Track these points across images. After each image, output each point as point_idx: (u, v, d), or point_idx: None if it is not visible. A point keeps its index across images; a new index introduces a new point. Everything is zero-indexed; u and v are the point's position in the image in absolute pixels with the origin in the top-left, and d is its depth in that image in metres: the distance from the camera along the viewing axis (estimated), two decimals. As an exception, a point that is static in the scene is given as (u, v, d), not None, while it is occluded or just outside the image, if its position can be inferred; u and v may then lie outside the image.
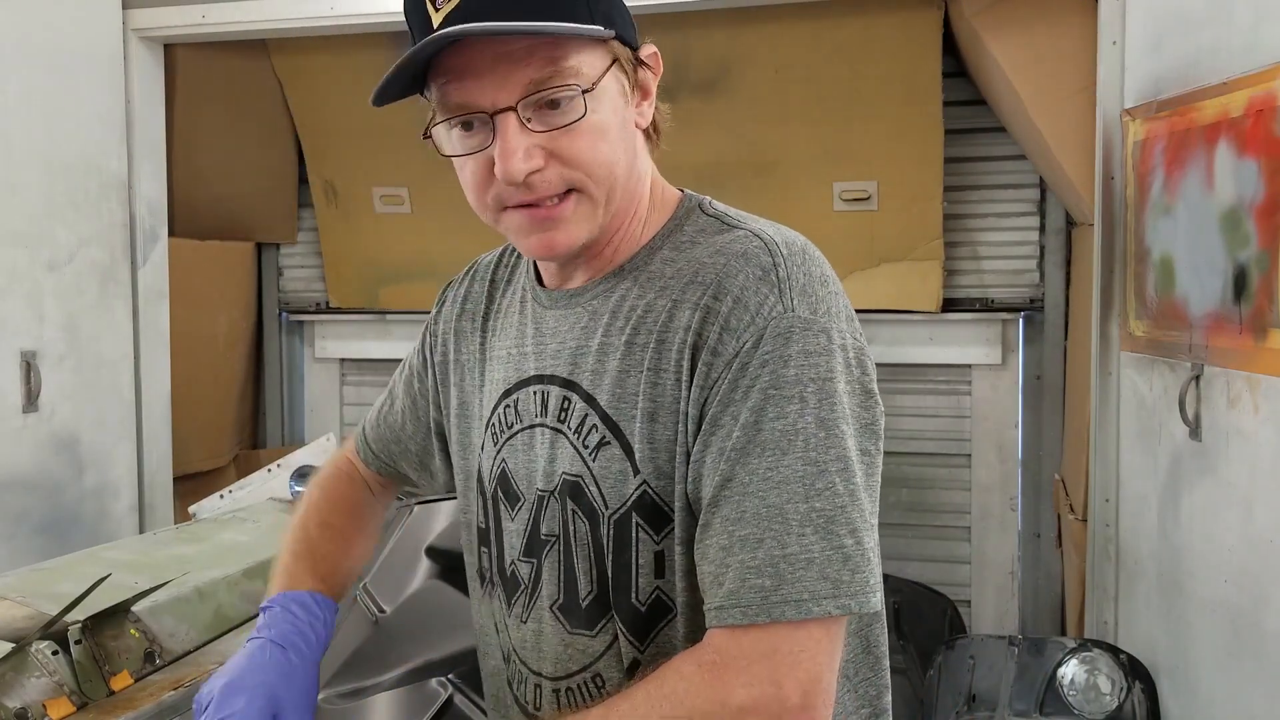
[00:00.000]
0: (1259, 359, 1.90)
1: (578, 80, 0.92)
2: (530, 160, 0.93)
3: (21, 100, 2.98)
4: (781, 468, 0.88)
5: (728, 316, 0.91)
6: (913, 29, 3.38)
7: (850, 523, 0.88)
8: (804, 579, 0.86)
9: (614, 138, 0.96)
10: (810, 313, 0.91)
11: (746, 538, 0.87)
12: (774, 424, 0.88)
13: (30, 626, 1.79)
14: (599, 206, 0.97)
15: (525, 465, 1.06)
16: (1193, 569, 2.19)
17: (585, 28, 0.91)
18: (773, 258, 0.93)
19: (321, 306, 4.39)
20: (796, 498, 0.87)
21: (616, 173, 0.97)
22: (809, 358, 0.90)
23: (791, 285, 0.92)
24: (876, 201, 3.59)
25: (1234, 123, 1.98)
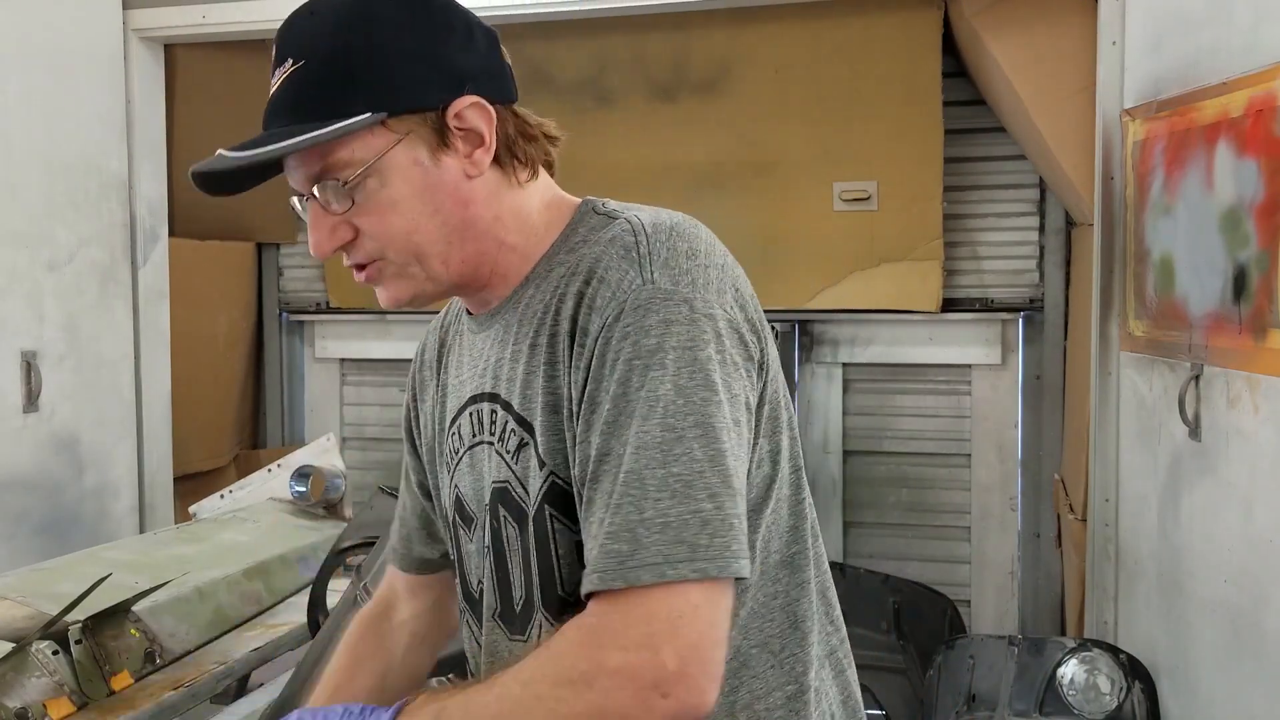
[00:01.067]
0: (1259, 359, 1.90)
1: (349, 169, 0.99)
2: (336, 237, 1.03)
3: (22, 100, 2.99)
4: (642, 434, 0.90)
5: (593, 296, 0.95)
6: (913, 29, 3.38)
7: (709, 488, 0.89)
8: (659, 543, 0.87)
9: (410, 207, 1.01)
10: (671, 284, 0.94)
11: (609, 505, 0.89)
12: (638, 393, 0.91)
13: (31, 626, 1.79)
14: (409, 268, 1.04)
15: (472, 485, 1.10)
16: (1192, 569, 2.19)
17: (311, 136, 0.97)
18: (635, 237, 0.97)
19: (321, 306, 4.39)
20: (654, 463, 0.89)
21: (418, 239, 1.02)
22: (669, 327, 0.92)
23: (652, 259, 0.95)
24: (876, 201, 3.59)
25: (1234, 123, 1.98)
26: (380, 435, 4.42)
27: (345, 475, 2.98)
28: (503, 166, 1.06)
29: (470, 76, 1.03)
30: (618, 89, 3.74)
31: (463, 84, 1.02)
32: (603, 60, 3.74)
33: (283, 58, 1.05)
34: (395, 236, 1.02)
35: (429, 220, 1.02)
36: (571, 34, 3.65)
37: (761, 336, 1.01)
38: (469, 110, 1.01)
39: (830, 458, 3.81)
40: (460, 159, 1.02)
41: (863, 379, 3.79)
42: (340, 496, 2.94)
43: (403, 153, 1.00)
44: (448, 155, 1.02)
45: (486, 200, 1.05)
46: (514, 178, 1.07)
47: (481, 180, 1.04)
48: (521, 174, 1.07)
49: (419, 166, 1.01)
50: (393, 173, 1.00)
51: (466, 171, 1.03)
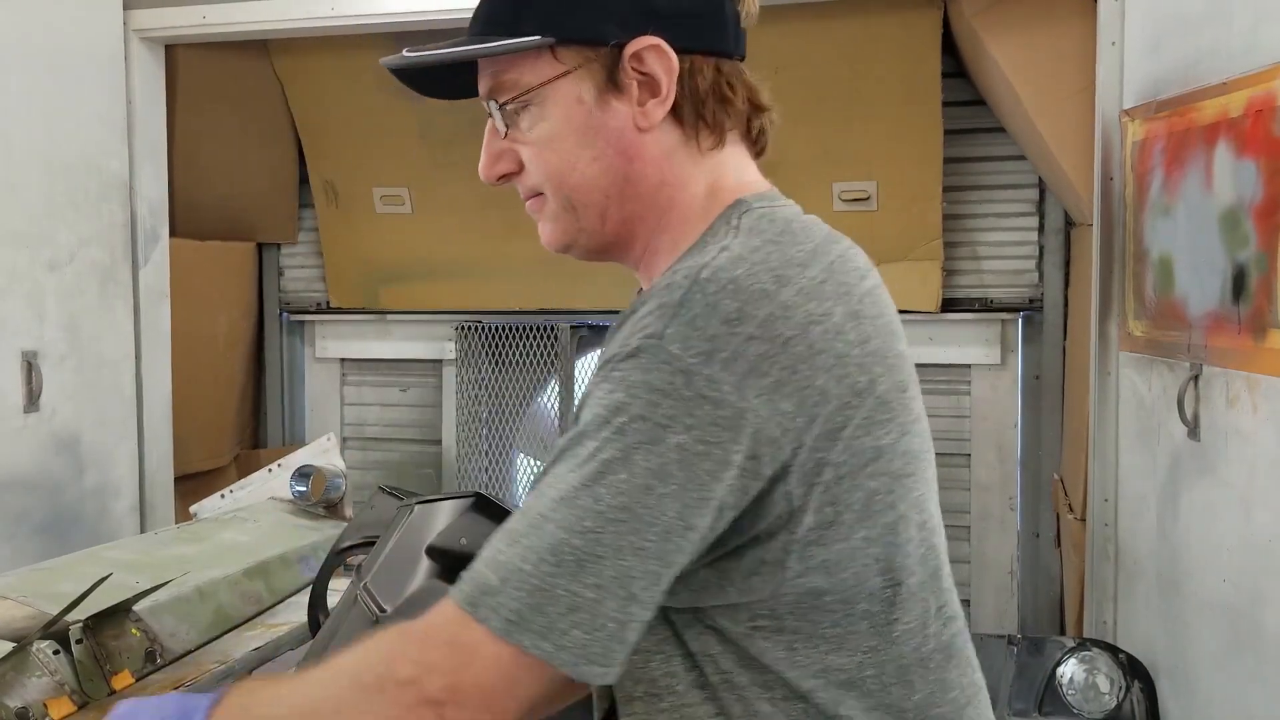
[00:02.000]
0: (1258, 359, 1.90)
1: (515, 90, 0.94)
2: (498, 164, 0.99)
3: (22, 100, 2.99)
4: (567, 486, 0.82)
5: (620, 325, 0.88)
6: (913, 29, 3.38)
7: (602, 580, 0.80)
8: (524, 602, 0.80)
9: (567, 147, 0.94)
10: (680, 348, 0.81)
11: (513, 531, 0.83)
12: (588, 442, 0.82)
13: (31, 626, 1.79)
14: (566, 212, 0.97)
15: None
16: (1192, 569, 2.19)
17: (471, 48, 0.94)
18: (687, 280, 0.83)
19: (322, 306, 4.39)
20: (561, 522, 0.80)
21: (572, 182, 0.95)
22: (653, 394, 0.80)
23: (680, 314, 0.82)
24: (876, 201, 3.59)
25: (1233, 123, 1.99)
26: (380, 435, 4.42)
27: (345, 475, 2.98)
28: (684, 126, 0.95)
29: (662, 14, 0.92)
30: (618, 89, 3.74)
31: (649, 22, 0.91)
32: (603, 60, 3.74)
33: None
34: (551, 174, 0.96)
35: (589, 165, 0.94)
36: (571, 34, 3.65)
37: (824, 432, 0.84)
38: (648, 53, 0.92)
39: (830, 458, 3.81)
40: (633, 106, 0.93)
41: (862, 379, 3.79)
42: (340, 496, 2.94)
43: (568, 86, 0.93)
44: (619, 99, 0.93)
45: (656, 160, 0.95)
46: (695, 143, 0.96)
47: (655, 136, 0.94)
48: (706, 140, 0.96)
49: (582, 105, 0.93)
50: (554, 105, 0.93)
51: (637, 122, 0.93)
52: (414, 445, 4.38)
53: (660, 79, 0.92)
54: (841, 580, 0.88)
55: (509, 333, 4.11)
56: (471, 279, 4.13)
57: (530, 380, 4.12)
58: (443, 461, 4.30)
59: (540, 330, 4.06)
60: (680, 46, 0.92)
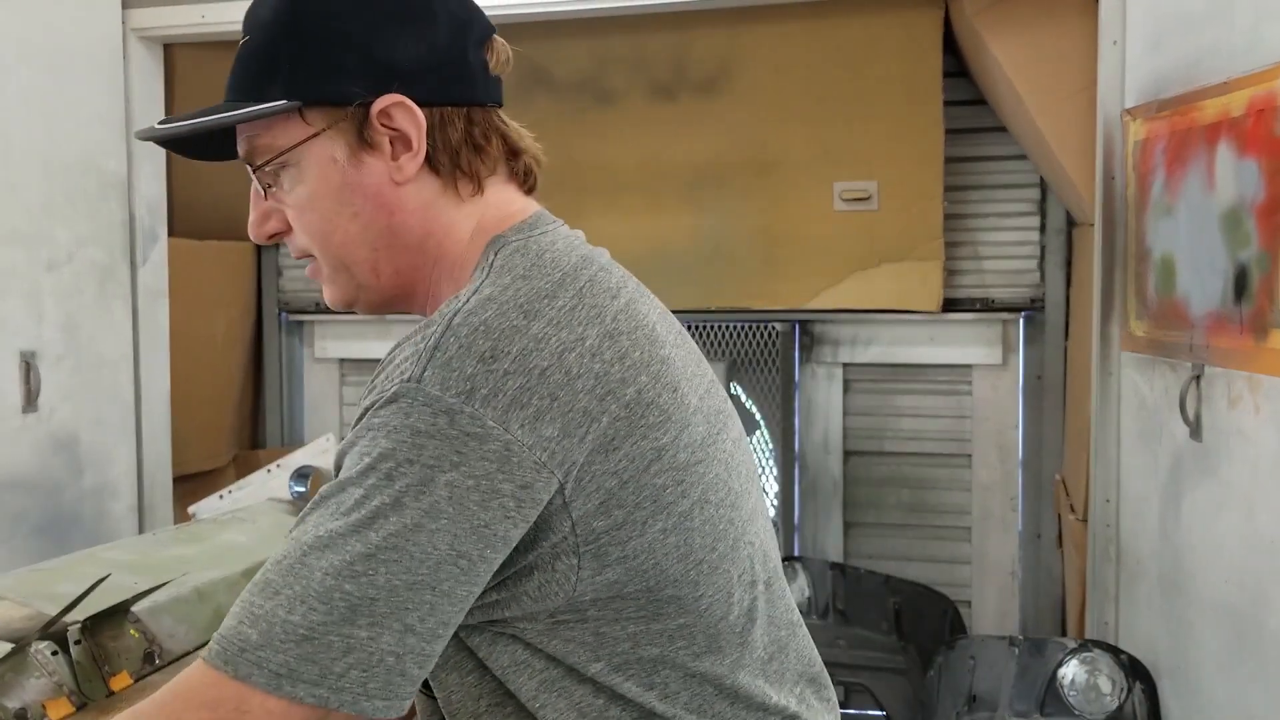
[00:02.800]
0: (1260, 359, 1.89)
1: (268, 154, 0.96)
2: (267, 224, 1.00)
3: (21, 100, 2.98)
4: (333, 534, 0.81)
5: (378, 375, 0.87)
6: (913, 29, 3.38)
7: (376, 618, 0.80)
8: (290, 652, 0.79)
9: (326, 207, 0.96)
10: (439, 389, 0.82)
11: (270, 583, 0.82)
12: (353, 489, 0.82)
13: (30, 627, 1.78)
14: (339, 272, 0.99)
15: None
16: (1193, 569, 2.19)
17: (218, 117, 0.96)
18: (440, 328, 0.85)
19: (321, 306, 4.38)
20: (329, 570, 0.80)
21: (336, 240, 0.97)
22: (416, 436, 0.81)
23: (435, 356, 0.83)
24: (877, 201, 3.59)
25: (1235, 122, 1.98)
26: (380, 435, 4.41)
27: (345, 475, 2.97)
28: (440, 176, 0.97)
29: (409, 71, 0.94)
30: (618, 89, 3.74)
31: (391, 80, 0.93)
32: (603, 60, 3.74)
33: (244, 32, 1.02)
34: (315, 235, 0.98)
35: (349, 223, 0.96)
36: (571, 34, 3.65)
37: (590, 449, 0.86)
38: (394, 109, 0.93)
39: (830, 458, 3.81)
40: (387, 161, 0.95)
41: (863, 379, 3.79)
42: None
43: (320, 147, 0.95)
44: (372, 156, 0.95)
45: (418, 212, 0.97)
46: (456, 190, 0.98)
47: (413, 188, 0.96)
48: (464, 187, 0.98)
49: (336, 164, 0.95)
50: (310, 167, 0.96)
51: (393, 176, 0.95)
52: (413, 445, 4.37)
53: (410, 133, 0.94)
54: (642, 571, 0.90)
55: (509, 333, 4.09)
56: (471, 279, 4.12)
57: (530, 380, 4.11)
58: (442, 462, 4.29)
59: (540, 330, 4.05)
60: (426, 100, 0.94)
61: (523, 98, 3.71)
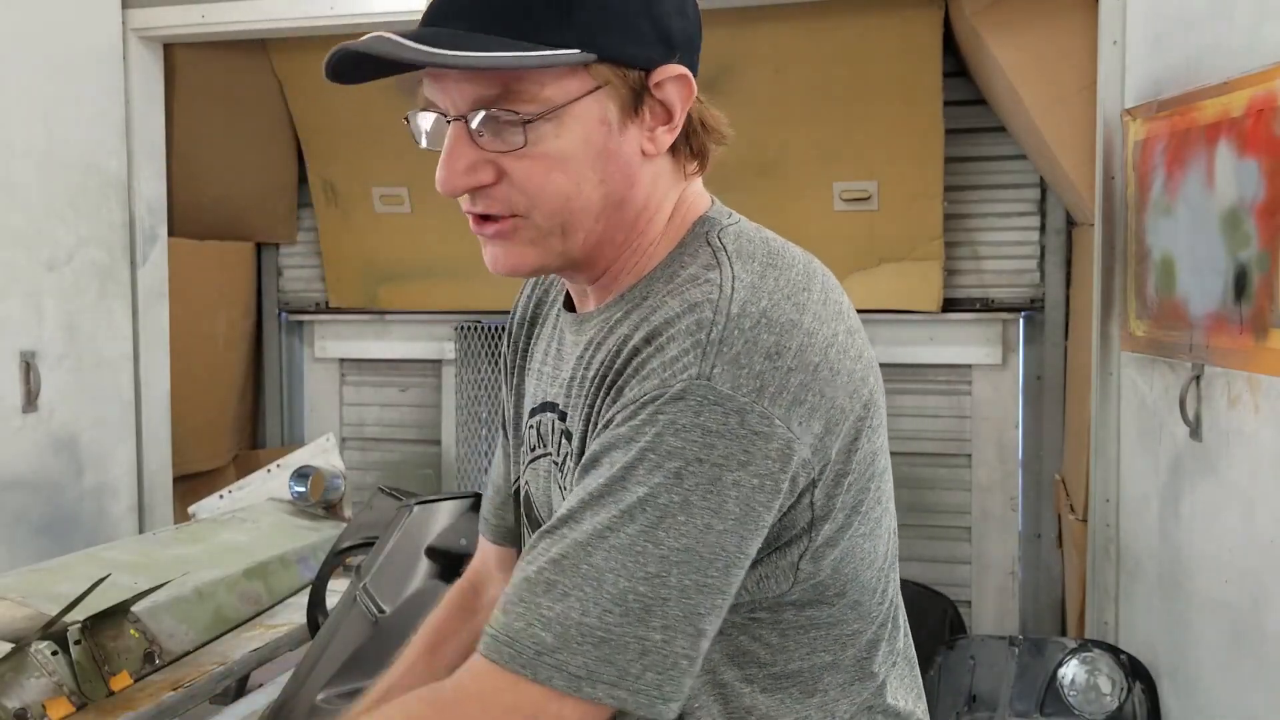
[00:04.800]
0: (1259, 359, 1.90)
1: (530, 105, 0.86)
2: (471, 175, 0.89)
3: (21, 100, 2.98)
4: (621, 533, 0.80)
5: (646, 362, 0.84)
6: (913, 29, 3.38)
7: (669, 620, 0.80)
8: (589, 654, 0.79)
9: (578, 168, 0.88)
10: (730, 388, 0.81)
11: (554, 584, 0.80)
12: (636, 487, 0.80)
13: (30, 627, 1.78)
14: (551, 236, 0.91)
15: (543, 494, 1.02)
16: (1193, 569, 2.19)
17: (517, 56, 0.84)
18: (715, 314, 0.84)
19: (321, 306, 4.39)
20: (621, 571, 0.79)
21: (574, 205, 0.89)
22: (706, 435, 0.80)
23: (721, 351, 0.82)
24: (876, 201, 3.59)
25: (1234, 122, 1.98)
26: (380, 435, 4.42)
27: (345, 475, 2.98)
28: (676, 154, 0.94)
29: (677, 43, 0.90)
30: (618, 89, 3.73)
31: (673, 49, 0.90)
32: (602, 60, 3.73)
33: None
34: (551, 196, 0.89)
35: (593, 190, 0.89)
36: (571, 34, 3.65)
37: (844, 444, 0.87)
38: (671, 82, 0.90)
39: (830, 458, 3.80)
40: (643, 132, 0.91)
41: (863, 379, 3.79)
42: (340, 497, 2.94)
43: (593, 106, 0.87)
44: (634, 124, 0.90)
45: (647, 186, 0.93)
46: (683, 169, 0.96)
47: (653, 163, 0.92)
48: (691, 167, 0.96)
49: (604, 127, 0.88)
50: (575, 124, 0.87)
51: (644, 148, 0.91)
52: (413, 445, 4.38)
53: (675, 107, 0.91)
54: (842, 575, 0.91)
55: (509, 333, 4.09)
56: (471, 279, 4.12)
57: (530, 380, 4.11)
58: (442, 462, 4.30)
59: (540, 330, 4.05)
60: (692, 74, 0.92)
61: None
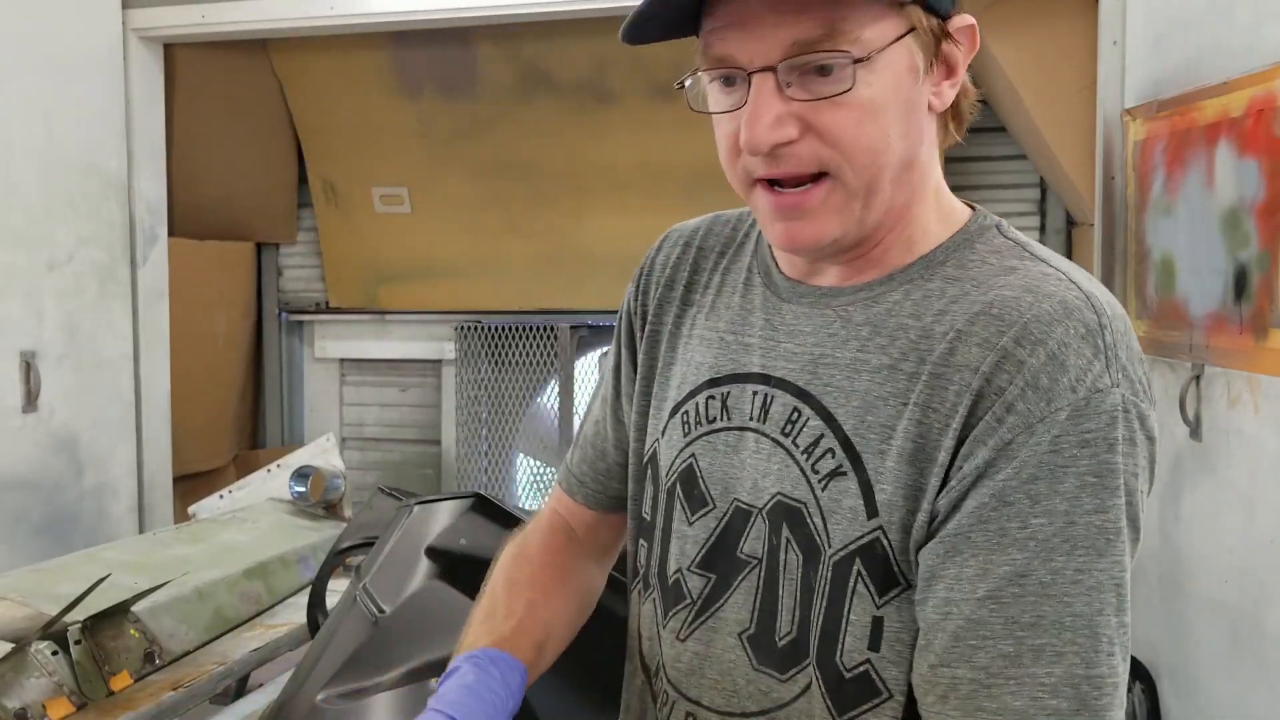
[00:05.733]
0: (1259, 359, 1.90)
1: (853, 47, 0.78)
2: (780, 129, 0.80)
3: (21, 100, 2.98)
4: (1096, 571, 0.74)
5: (1038, 373, 0.76)
6: (913, 29, 3.38)
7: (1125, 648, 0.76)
8: (1110, 706, 0.74)
9: (888, 119, 0.81)
10: (1133, 394, 0.77)
11: (1043, 648, 0.74)
12: (1091, 518, 0.75)
13: (30, 627, 1.79)
14: (855, 199, 0.83)
15: (724, 470, 0.93)
16: (1193, 569, 2.19)
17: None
18: (1099, 317, 0.78)
19: (321, 306, 4.39)
20: (1109, 609, 0.74)
21: (882, 161, 0.82)
22: (1127, 446, 0.76)
23: (1118, 356, 0.78)
24: (876, 201, 3.59)
25: (1234, 122, 1.98)
26: (380, 435, 4.42)
27: (345, 475, 2.98)
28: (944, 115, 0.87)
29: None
30: (618, 89, 3.74)
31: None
32: (603, 60, 3.73)
33: None
34: (864, 149, 0.81)
35: (898, 143, 0.82)
36: (571, 34, 3.65)
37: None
38: (963, 32, 0.84)
39: (830, 458, 3.80)
40: (931, 84, 0.84)
41: (863, 379, 3.79)
42: (340, 497, 2.94)
43: (903, 52, 0.81)
44: (929, 76, 0.83)
45: (927, 146, 0.86)
46: (949, 133, 0.89)
47: (931, 121, 0.86)
48: (955, 131, 0.89)
49: (913, 74, 0.82)
50: (887, 71, 0.80)
51: (930, 102, 0.84)
52: (413, 445, 4.38)
53: (959, 61, 0.84)
54: None
55: (509, 333, 4.10)
56: (471, 279, 4.13)
57: (530, 380, 4.11)
58: (442, 462, 4.30)
59: (540, 330, 4.06)
60: None
61: (523, 98, 3.72)
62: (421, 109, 3.79)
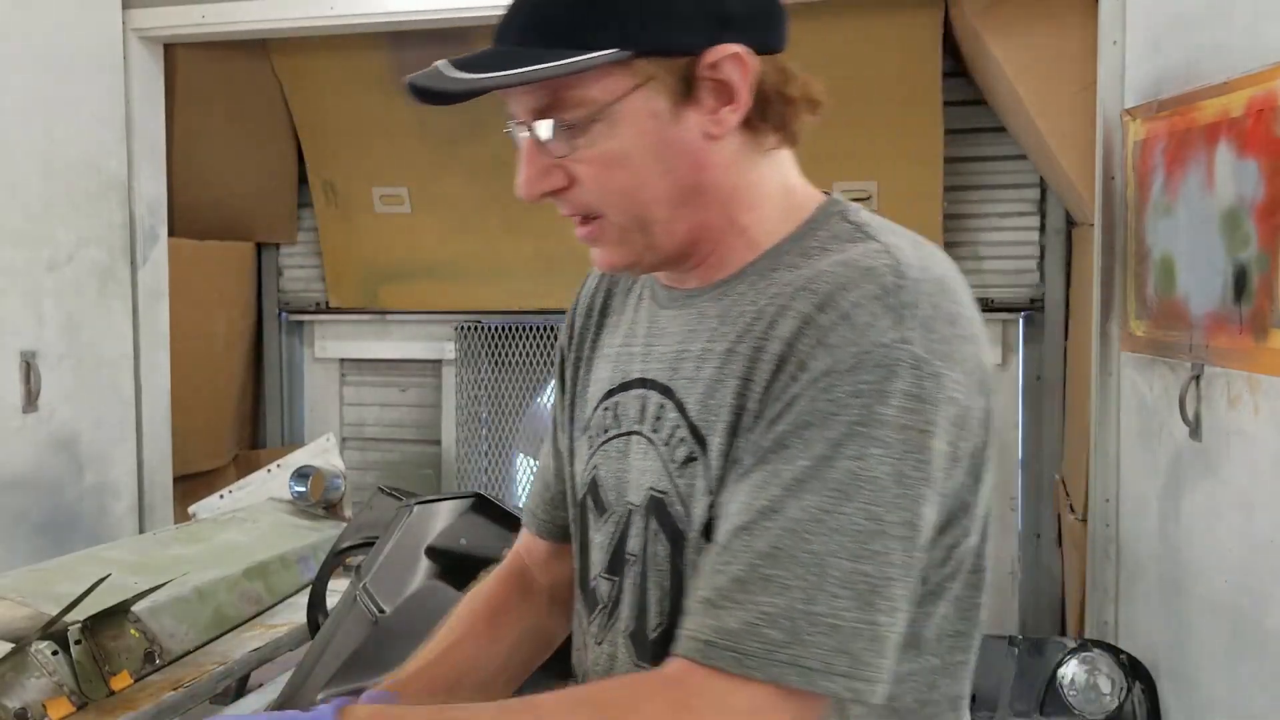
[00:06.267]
0: (1259, 359, 1.90)
1: (582, 109, 0.86)
2: (544, 180, 0.90)
3: (21, 100, 2.98)
4: (840, 514, 0.78)
5: (828, 330, 0.81)
6: (913, 29, 3.38)
7: (891, 599, 0.78)
8: (822, 645, 0.76)
9: (638, 163, 0.88)
10: (926, 351, 0.80)
11: (773, 578, 0.77)
12: (849, 463, 0.78)
13: (30, 626, 1.79)
14: (630, 232, 0.91)
15: (618, 475, 0.98)
16: (1193, 569, 2.19)
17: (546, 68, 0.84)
18: (899, 279, 0.83)
19: (321, 306, 4.39)
20: (843, 553, 0.77)
21: (642, 199, 0.89)
22: (910, 401, 0.79)
23: (915, 315, 0.81)
24: (876, 201, 3.59)
25: (1234, 123, 1.98)
26: (380, 435, 4.42)
27: (345, 475, 2.98)
28: (752, 130, 0.91)
29: (738, 19, 0.88)
30: (618, 89, 3.74)
31: (724, 28, 0.87)
32: (602, 60, 3.74)
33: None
34: (615, 194, 0.89)
35: (657, 181, 0.89)
36: (571, 34, 3.65)
37: (989, 428, 0.87)
38: (726, 61, 0.87)
39: (830, 458, 3.81)
40: (704, 115, 0.88)
41: (863, 379, 3.79)
42: (340, 497, 2.94)
43: (640, 100, 0.86)
44: (690, 109, 0.88)
45: (725, 167, 0.91)
46: (759, 144, 0.93)
47: (723, 143, 0.90)
48: (769, 140, 0.93)
49: (655, 119, 0.87)
50: (625, 121, 0.87)
51: (709, 130, 0.89)
52: (413, 445, 4.38)
53: (736, 86, 0.88)
54: (975, 546, 0.92)
55: (509, 333, 4.10)
56: (471, 279, 4.13)
57: (530, 380, 4.12)
58: (442, 462, 4.30)
59: (540, 330, 4.06)
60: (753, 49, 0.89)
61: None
62: (421, 109, 3.76)
